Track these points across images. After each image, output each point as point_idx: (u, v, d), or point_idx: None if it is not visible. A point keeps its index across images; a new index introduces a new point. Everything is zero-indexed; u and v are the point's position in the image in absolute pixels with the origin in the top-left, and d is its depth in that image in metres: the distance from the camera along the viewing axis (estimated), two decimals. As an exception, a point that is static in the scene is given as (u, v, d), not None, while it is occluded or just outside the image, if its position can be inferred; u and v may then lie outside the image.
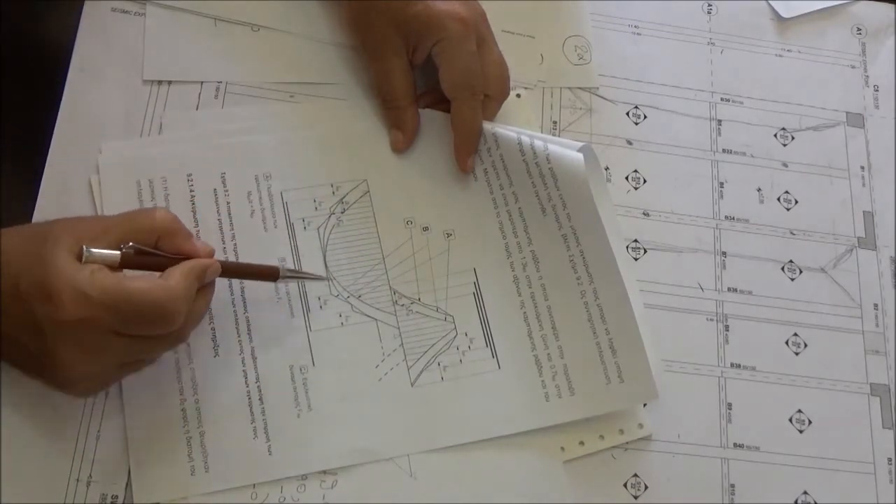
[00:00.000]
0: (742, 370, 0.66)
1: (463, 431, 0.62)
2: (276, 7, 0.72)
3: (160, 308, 0.52)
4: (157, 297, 0.52)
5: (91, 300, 0.51)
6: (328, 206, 0.66)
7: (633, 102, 0.74)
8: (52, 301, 0.51)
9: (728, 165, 0.73)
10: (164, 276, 0.54)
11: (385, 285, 0.65)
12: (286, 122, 0.69)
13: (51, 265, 0.51)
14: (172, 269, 0.54)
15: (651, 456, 0.63)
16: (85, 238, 0.53)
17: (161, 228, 0.55)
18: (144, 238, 0.55)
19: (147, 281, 0.53)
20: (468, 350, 0.64)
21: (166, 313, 0.53)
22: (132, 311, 0.52)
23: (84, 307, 0.51)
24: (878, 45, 0.79)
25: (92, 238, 0.53)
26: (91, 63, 0.68)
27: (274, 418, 0.61)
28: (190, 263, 0.55)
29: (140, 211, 0.56)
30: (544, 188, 0.64)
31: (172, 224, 0.56)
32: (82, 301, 0.51)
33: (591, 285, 0.62)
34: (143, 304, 0.52)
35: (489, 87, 0.66)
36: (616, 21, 0.77)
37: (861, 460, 0.65)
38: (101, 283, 0.51)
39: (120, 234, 0.54)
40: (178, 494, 0.58)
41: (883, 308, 0.70)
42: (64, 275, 0.51)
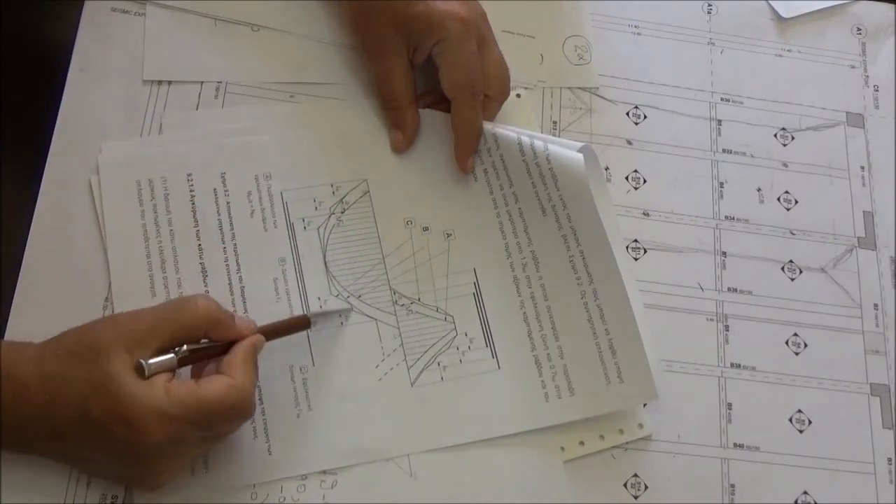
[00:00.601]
0: (742, 370, 0.66)
1: (463, 431, 0.62)
2: (276, 7, 0.72)
3: (238, 407, 0.54)
4: (233, 399, 0.53)
5: (174, 418, 0.51)
6: (328, 206, 0.66)
7: (633, 102, 0.74)
8: (134, 427, 0.51)
9: (728, 165, 0.73)
10: (228, 372, 0.54)
11: (385, 285, 0.65)
12: (286, 122, 0.69)
13: (122, 391, 0.51)
14: (232, 362, 0.55)
15: (651, 456, 0.63)
16: (135, 346, 0.53)
17: (206, 322, 0.55)
18: (192, 334, 0.55)
19: (217, 383, 0.53)
20: (468, 350, 0.64)
21: (244, 410, 0.54)
22: (214, 418, 0.53)
23: (169, 426, 0.51)
24: (878, 45, 0.79)
25: (141, 344, 0.53)
26: (91, 63, 0.68)
27: (274, 418, 0.61)
28: (244, 352, 0.56)
29: (182, 305, 0.55)
30: (544, 188, 0.64)
31: (216, 314, 0.56)
32: (166, 421, 0.51)
33: (591, 285, 0.62)
34: (222, 409, 0.53)
35: (489, 88, 0.66)
36: (616, 21, 0.77)
37: (861, 460, 0.65)
38: (178, 400, 0.52)
39: (168, 335, 0.54)
40: (178, 495, 0.58)
41: (883, 308, 0.70)
42: (139, 399, 0.51)
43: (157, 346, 0.53)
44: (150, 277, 0.63)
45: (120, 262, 0.63)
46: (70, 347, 0.53)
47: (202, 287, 0.63)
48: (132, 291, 0.62)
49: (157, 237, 0.64)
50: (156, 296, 0.62)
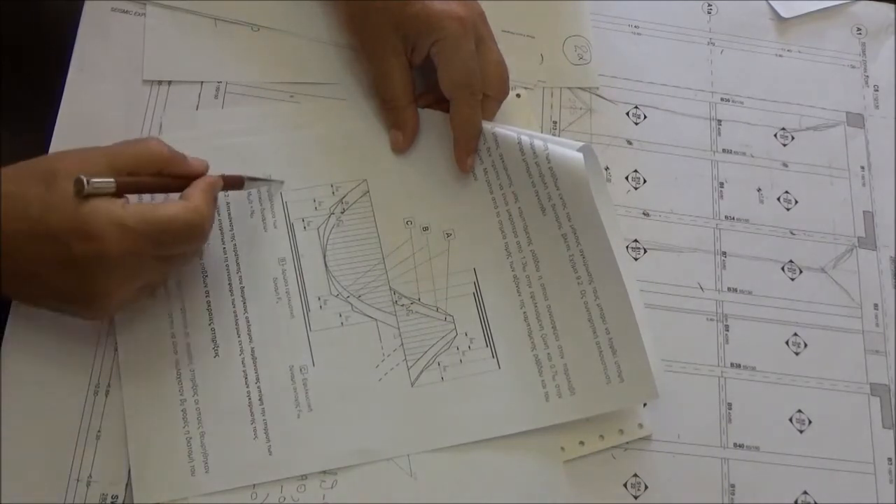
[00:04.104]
0: (742, 370, 0.66)
1: (463, 431, 0.62)
2: (276, 7, 0.72)
3: (194, 227, 0.56)
4: (189, 219, 0.56)
5: (132, 230, 0.53)
6: (328, 206, 0.66)
7: (633, 102, 0.74)
8: (93, 239, 0.52)
9: (728, 165, 0.73)
10: (186, 197, 0.57)
11: (385, 285, 0.65)
12: (286, 122, 0.69)
13: (81, 204, 0.53)
14: (191, 190, 0.57)
15: (651, 456, 0.63)
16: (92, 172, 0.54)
17: (159, 157, 0.57)
18: (147, 168, 0.57)
19: (175, 204, 0.56)
20: (468, 350, 0.64)
21: (200, 231, 0.57)
22: (171, 234, 0.55)
23: (128, 239, 0.53)
24: (878, 45, 0.79)
25: (99, 172, 0.54)
26: (91, 63, 0.68)
27: (274, 418, 0.61)
28: (203, 183, 0.58)
29: (137, 141, 0.58)
30: (544, 188, 0.64)
31: (170, 151, 0.58)
32: (125, 234, 0.53)
33: (591, 285, 0.62)
34: (178, 225, 0.55)
35: (488, 87, 0.66)
36: (616, 21, 0.77)
37: (861, 460, 0.65)
38: (136, 212, 0.54)
39: (123, 167, 0.56)
40: (178, 495, 0.58)
41: (883, 308, 0.70)
42: (98, 211, 0.53)
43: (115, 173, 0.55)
44: (150, 277, 0.63)
45: (120, 262, 0.63)
46: (28, 170, 0.55)
47: (202, 287, 0.63)
48: (132, 291, 0.62)
49: (157, 237, 0.64)
50: (155, 296, 0.62)
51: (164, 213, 0.55)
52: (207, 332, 0.62)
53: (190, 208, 0.56)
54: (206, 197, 0.58)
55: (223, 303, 0.63)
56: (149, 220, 0.54)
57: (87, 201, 0.53)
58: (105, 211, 0.53)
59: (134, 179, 0.56)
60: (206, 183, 0.59)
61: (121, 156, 0.56)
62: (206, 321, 0.62)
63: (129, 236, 0.53)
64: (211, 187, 0.59)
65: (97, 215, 0.53)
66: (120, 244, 0.53)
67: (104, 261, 0.53)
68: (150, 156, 0.57)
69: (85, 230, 0.52)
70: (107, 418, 0.60)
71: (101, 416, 0.60)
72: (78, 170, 0.54)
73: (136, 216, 0.54)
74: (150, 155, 0.57)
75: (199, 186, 0.58)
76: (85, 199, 0.53)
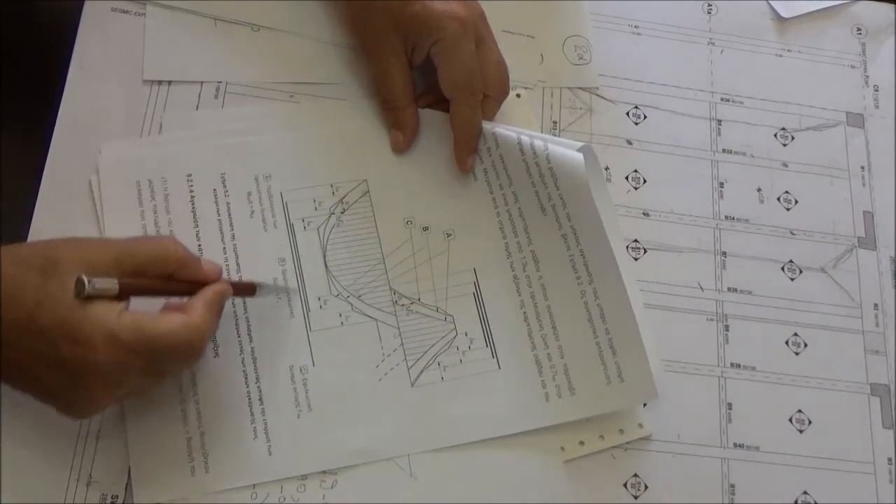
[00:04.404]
0: (742, 370, 0.66)
1: (463, 431, 0.62)
2: (276, 7, 0.72)
3: (190, 347, 0.53)
4: (185, 338, 0.53)
5: (123, 344, 0.51)
6: (328, 206, 0.66)
7: (633, 102, 0.74)
8: (80, 344, 0.50)
9: (728, 165, 0.73)
10: (188, 310, 0.54)
11: (385, 285, 0.65)
12: (286, 122, 0.68)
13: (75, 305, 0.50)
14: (194, 303, 0.54)
15: (651, 456, 0.63)
16: (95, 270, 0.51)
17: (173, 261, 0.55)
18: (157, 270, 0.54)
19: (174, 319, 0.53)
20: (468, 350, 0.64)
21: (195, 351, 0.54)
22: (164, 352, 0.53)
23: (116, 351, 0.51)
24: (878, 45, 0.79)
25: (103, 272, 0.52)
26: (91, 63, 0.68)
27: (274, 418, 0.61)
28: (209, 294, 0.55)
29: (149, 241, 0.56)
30: (544, 188, 0.64)
31: (184, 254, 0.55)
32: (114, 345, 0.50)
33: (591, 285, 0.62)
34: (173, 344, 0.52)
35: (488, 87, 0.66)
36: (616, 21, 0.77)
37: (861, 460, 0.65)
38: (130, 325, 0.51)
39: (130, 267, 0.53)
40: (178, 495, 0.58)
41: (883, 308, 0.70)
42: (91, 316, 0.50)
43: (119, 274, 0.52)
44: (150, 277, 0.63)
45: (120, 262, 0.63)
46: (29, 256, 0.52)
47: (202, 287, 0.63)
48: (132, 291, 0.62)
49: (157, 237, 0.64)
50: (156, 296, 0.62)
51: (160, 329, 0.52)
52: (207, 332, 0.62)
53: (189, 326, 0.53)
54: (210, 312, 0.55)
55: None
56: (143, 336, 0.51)
57: (84, 304, 0.50)
58: (99, 318, 0.50)
59: (138, 282, 0.53)
60: (213, 293, 0.55)
61: (130, 253, 0.53)
62: (206, 321, 0.62)
63: (119, 349, 0.51)
64: (218, 297, 0.56)
65: (90, 321, 0.50)
66: (108, 355, 0.50)
67: (90, 368, 0.51)
68: (162, 257, 0.54)
69: (74, 334, 0.50)
70: (107, 418, 0.60)
71: (101, 416, 0.59)
72: (81, 263, 0.51)
73: (131, 329, 0.51)
74: (162, 256, 0.55)
75: (205, 297, 0.55)
76: (83, 301, 0.50)
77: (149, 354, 0.52)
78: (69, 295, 0.50)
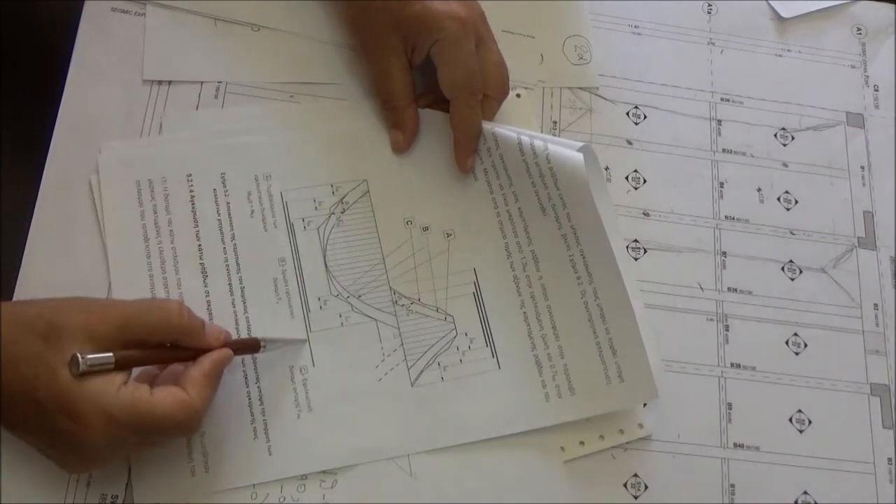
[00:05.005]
0: (742, 370, 0.66)
1: (463, 431, 0.62)
2: (276, 7, 0.72)
3: (184, 425, 0.54)
4: (182, 417, 0.53)
5: (118, 423, 0.51)
6: (328, 206, 0.66)
7: (633, 102, 0.74)
8: (76, 421, 0.50)
9: (728, 165, 0.73)
10: (185, 383, 0.54)
11: (385, 285, 0.65)
12: (286, 122, 0.68)
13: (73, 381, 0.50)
14: (192, 376, 0.54)
15: (651, 456, 0.63)
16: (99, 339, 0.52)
17: (177, 330, 0.55)
18: (160, 339, 0.55)
19: (169, 399, 0.53)
20: (468, 350, 0.64)
21: (189, 429, 0.54)
22: (158, 431, 0.53)
23: (112, 429, 0.51)
24: (878, 45, 0.79)
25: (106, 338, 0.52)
26: (91, 63, 0.68)
27: (274, 419, 0.61)
28: (207, 366, 0.55)
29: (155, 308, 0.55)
30: (544, 188, 0.64)
31: (188, 322, 0.55)
32: (110, 423, 0.51)
33: (591, 285, 0.62)
34: (168, 424, 0.53)
35: (488, 87, 0.66)
36: (616, 21, 0.77)
37: (861, 460, 0.65)
38: (127, 404, 0.51)
39: (134, 335, 0.53)
40: (178, 495, 0.58)
41: (883, 308, 0.70)
42: (88, 395, 0.50)
43: (122, 344, 0.52)
44: (150, 277, 0.63)
45: (120, 262, 0.63)
46: (31, 320, 0.51)
47: (202, 287, 0.63)
48: (132, 292, 0.62)
49: (157, 237, 0.64)
50: (155, 297, 0.62)
51: (156, 409, 0.52)
52: (207, 332, 0.62)
53: (184, 405, 0.53)
54: (206, 386, 0.54)
55: (223, 303, 0.63)
56: (138, 416, 0.51)
57: (81, 379, 0.50)
58: (95, 395, 0.50)
59: (137, 355, 0.53)
60: (211, 363, 0.55)
61: (134, 323, 0.53)
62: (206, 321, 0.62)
63: (114, 427, 0.51)
64: (217, 366, 0.56)
65: (85, 399, 0.50)
66: (103, 433, 0.51)
67: (85, 442, 0.51)
68: (166, 327, 0.54)
69: (70, 410, 0.50)
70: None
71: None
72: (83, 332, 0.51)
73: (126, 408, 0.51)
74: (166, 326, 0.54)
75: (203, 369, 0.55)
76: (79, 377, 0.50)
77: (144, 432, 0.52)
78: (65, 366, 0.50)
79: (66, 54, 0.68)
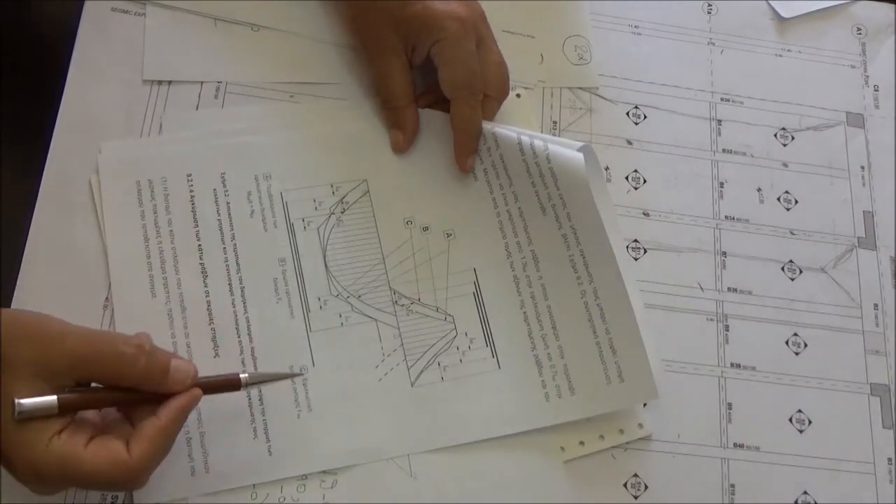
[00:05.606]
0: (742, 370, 0.66)
1: (463, 431, 0.62)
2: (276, 7, 0.72)
3: (117, 484, 0.51)
4: (114, 476, 0.49)
5: (44, 479, 0.49)
6: (328, 206, 0.66)
7: (633, 102, 0.74)
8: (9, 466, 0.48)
9: (728, 165, 0.73)
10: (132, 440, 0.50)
11: (385, 285, 0.65)
12: (286, 122, 0.68)
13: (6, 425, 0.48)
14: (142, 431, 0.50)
15: (651, 456, 0.63)
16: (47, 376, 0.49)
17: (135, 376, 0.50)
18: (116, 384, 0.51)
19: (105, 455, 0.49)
20: (468, 350, 0.64)
21: (125, 486, 0.52)
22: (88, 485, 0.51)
23: (38, 483, 0.49)
24: (878, 45, 0.79)
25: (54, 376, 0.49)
26: (91, 63, 0.68)
27: (274, 418, 0.61)
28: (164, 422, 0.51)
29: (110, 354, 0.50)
30: (544, 188, 0.64)
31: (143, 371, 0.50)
32: (37, 478, 0.49)
33: (591, 285, 0.62)
34: (100, 482, 0.50)
35: (488, 87, 0.66)
36: (616, 21, 0.77)
37: (861, 460, 0.65)
38: (56, 460, 0.48)
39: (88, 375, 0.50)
40: (178, 495, 0.58)
41: (883, 308, 0.70)
42: (17, 447, 0.48)
43: (75, 381, 0.50)
44: (150, 277, 0.63)
45: (120, 262, 0.63)
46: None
47: (202, 287, 0.63)
48: (132, 291, 0.62)
49: (157, 237, 0.64)
50: (155, 296, 0.62)
51: (84, 469, 0.48)
52: (207, 332, 0.62)
53: (121, 463, 0.49)
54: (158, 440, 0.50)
55: (223, 303, 0.63)
56: (64, 474, 0.48)
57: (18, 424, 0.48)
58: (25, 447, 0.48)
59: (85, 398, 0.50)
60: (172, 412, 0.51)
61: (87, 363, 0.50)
62: (206, 321, 0.62)
63: (40, 482, 0.49)
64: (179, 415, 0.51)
65: (17, 447, 0.48)
66: (33, 485, 0.49)
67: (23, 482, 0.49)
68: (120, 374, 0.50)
69: (5, 453, 0.48)
70: (107, 418, 0.60)
71: (101, 416, 0.60)
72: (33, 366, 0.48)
73: (52, 465, 0.48)
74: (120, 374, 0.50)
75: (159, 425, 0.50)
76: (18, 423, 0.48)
77: (72, 485, 0.50)
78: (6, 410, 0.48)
79: (66, 54, 0.68)
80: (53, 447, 0.48)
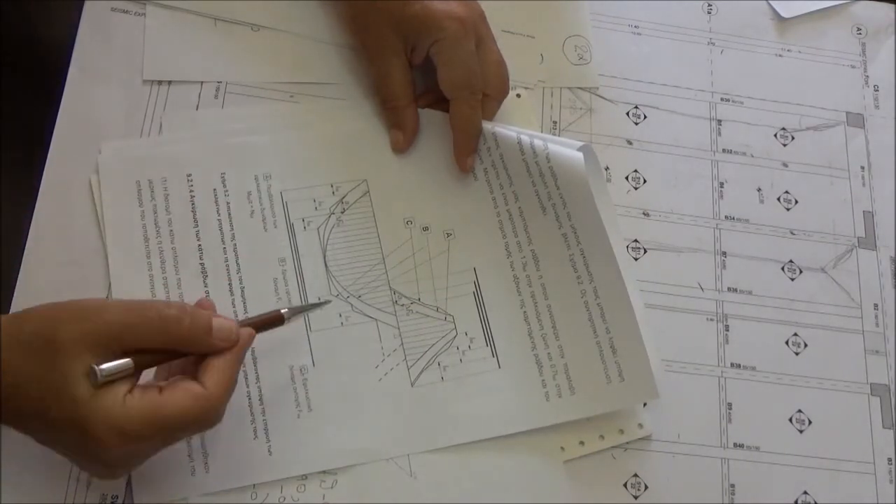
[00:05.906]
0: (742, 370, 0.66)
1: (463, 431, 0.62)
2: (276, 7, 0.72)
3: (202, 420, 0.52)
4: (198, 411, 0.51)
5: (132, 436, 0.49)
6: (328, 206, 0.66)
7: (633, 102, 0.74)
8: (90, 439, 0.49)
9: (728, 165, 0.73)
10: (201, 376, 0.52)
11: (385, 285, 0.65)
12: (286, 122, 0.69)
13: (79, 400, 0.48)
14: (209, 365, 0.52)
15: (651, 456, 0.63)
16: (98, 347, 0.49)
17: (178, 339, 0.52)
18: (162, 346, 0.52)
19: (184, 395, 0.51)
20: (468, 350, 0.64)
21: (209, 421, 0.52)
22: (177, 431, 0.51)
23: (128, 444, 0.49)
24: (878, 45, 0.79)
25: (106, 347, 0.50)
26: (91, 63, 0.68)
27: (274, 419, 0.61)
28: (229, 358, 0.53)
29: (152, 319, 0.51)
30: (544, 187, 0.64)
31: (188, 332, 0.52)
32: (124, 439, 0.49)
33: (591, 284, 0.62)
34: (185, 423, 0.51)
35: (488, 87, 0.66)
36: (616, 21, 0.77)
37: (861, 460, 0.65)
38: (137, 415, 0.49)
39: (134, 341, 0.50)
40: (178, 495, 0.58)
41: (883, 308, 0.70)
42: (96, 413, 0.48)
43: (122, 350, 0.50)
44: (150, 277, 0.63)
45: (120, 262, 0.63)
46: (29, 339, 0.49)
47: (202, 287, 0.63)
48: (132, 291, 0.62)
49: (157, 237, 0.64)
50: (155, 296, 0.62)
51: (169, 410, 0.50)
52: (207, 332, 0.62)
53: (200, 397, 0.51)
54: (226, 376, 0.52)
55: (223, 303, 0.63)
56: (152, 423, 0.49)
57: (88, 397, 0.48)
58: (104, 412, 0.48)
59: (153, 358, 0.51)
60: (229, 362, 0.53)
61: (132, 332, 0.50)
62: (206, 321, 0.62)
63: (130, 441, 0.49)
64: (236, 358, 0.53)
65: (96, 417, 0.48)
66: (120, 448, 0.49)
67: (104, 456, 0.50)
68: (165, 337, 0.51)
69: (83, 428, 0.48)
70: (107, 418, 0.60)
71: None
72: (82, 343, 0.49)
73: (135, 419, 0.49)
74: (165, 336, 0.51)
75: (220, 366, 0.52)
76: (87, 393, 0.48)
77: (161, 436, 0.51)
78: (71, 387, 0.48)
79: (66, 54, 0.68)
80: (131, 403, 0.49)
